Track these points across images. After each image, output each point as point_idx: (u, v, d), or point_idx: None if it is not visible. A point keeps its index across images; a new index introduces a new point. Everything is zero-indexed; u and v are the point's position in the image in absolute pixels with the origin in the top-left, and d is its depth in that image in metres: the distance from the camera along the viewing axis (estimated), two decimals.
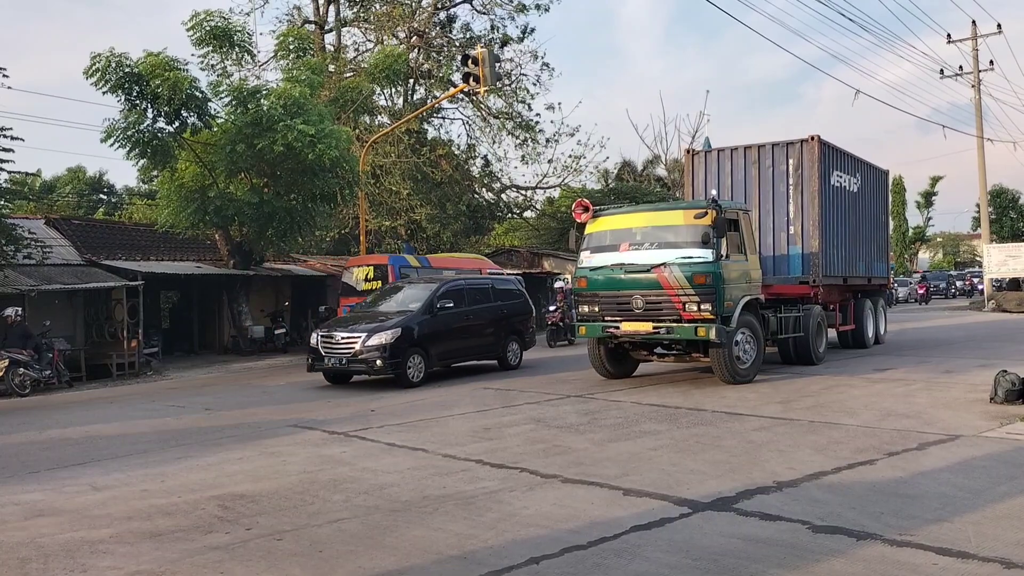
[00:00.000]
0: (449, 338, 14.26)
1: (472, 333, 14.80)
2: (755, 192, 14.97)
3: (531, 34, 33.25)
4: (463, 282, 15.45)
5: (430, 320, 13.88)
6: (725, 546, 4.82)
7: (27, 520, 5.99)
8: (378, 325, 13.47)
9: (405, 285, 15.84)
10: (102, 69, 17.01)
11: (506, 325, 15.55)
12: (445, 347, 14.19)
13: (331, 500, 6.22)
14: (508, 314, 15.67)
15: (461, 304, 14.58)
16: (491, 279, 16.87)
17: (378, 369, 13.13)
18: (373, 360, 13.03)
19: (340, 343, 13.45)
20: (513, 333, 15.73)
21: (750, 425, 8.72)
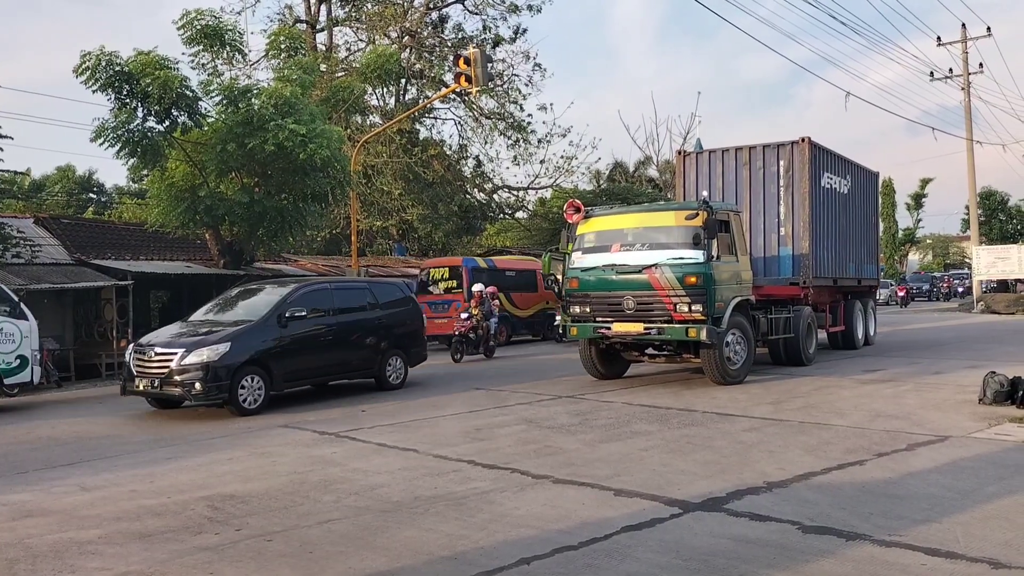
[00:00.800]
0: (303, 354, 11.78)
1: (338, 347, 12.33)
2: (746, 193, 15.01)
3: (523, 35, 33.29)
4: (327, 285, 13.13)
5: (276, 332, 11.41)
6: (715, 546, 4.83)
7: (15, 521, 5.96)
8: (201, 339, 11.02)
9: (253, 289, 13.23)
10: (92, 67, 16.90)
11: (387, 337, 13.08)
12: (297, 365, 11.69)
13: (321, 501, 6.20)
14: (389, 324, 13.24)
15: (323, 312, 12.20)
16: (369, 282, 14.54)
17: (197, 394, 10.60)
18: (191, 383, 10.51)
19: (154, 360, 10.94)
20: (396, 347, 13.28)
21: (740, 426, 8.74)
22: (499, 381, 13.81)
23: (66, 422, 11.13)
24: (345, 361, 12.55)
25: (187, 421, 10.70)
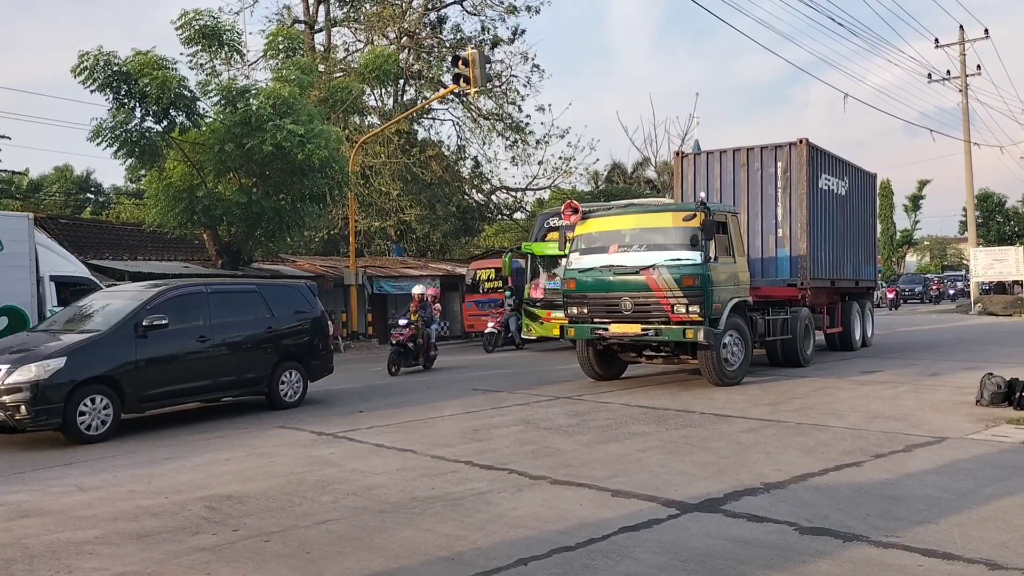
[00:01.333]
0: (167, 369, 10.11)
1: (214, 361, 10.60)
2: (744, 195, 15.03)
3: (522, 36, 33.30)
4: (202, 289, 11.03)
5: (131, 344, 9.68)
6: (713, 547, 4.83)
7: (12, 521, 5.95)
8: (30, 353, 9.24)
9: (121, 291, 11.31)
10: (90, 67, 16.92)
11: (279, 349, 11.34)
12: (159, 382, 9.98)
13: (319, 501, 6.20)
14: (284, 334, 11.45)
15: (193, 320, 10.50)
16: (259, 286, 12.13)
17: (23, 419, 8.78)
18: (15, 405, 8.73)
19: None
20: (291, 359, 11.51)
21: (738, 427, 8.75)
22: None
23: None
24: (224, 377, 10.74)
25: (184, 422, 10.68)
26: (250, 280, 12.73)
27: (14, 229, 12.52)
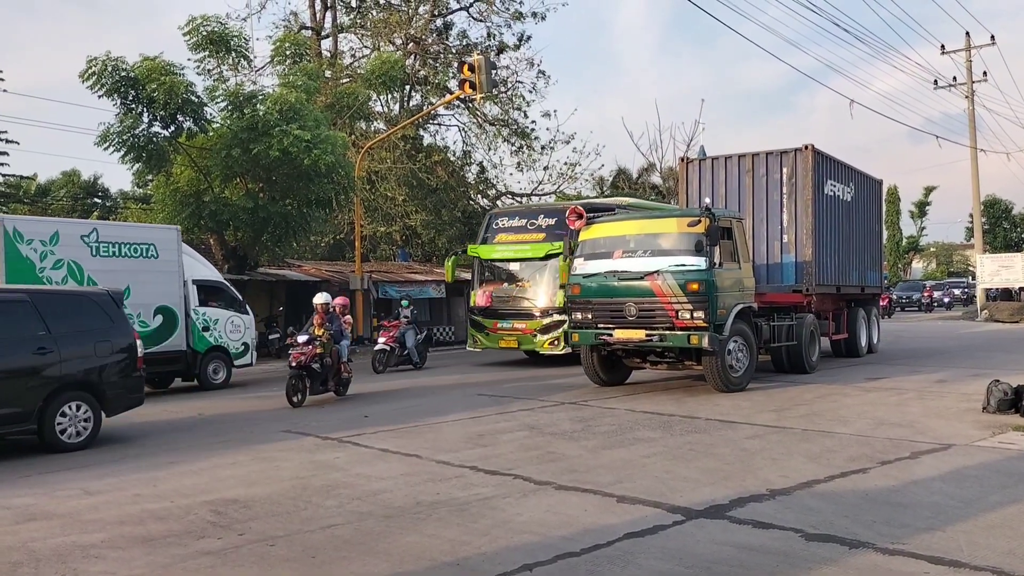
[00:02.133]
0: None
1: None
2: (749, 200, 15.02)
3: (527, 42, 33.19)
4: None
5: None
6: (718, 554, 4.83)
7: (18, 524, 5.97)
8: None
9: None
10: (98, 72, 17.02)
11: (58, 375, 8.99)
12: None
13: (324, 506, 6.21)
14: (66, 356, 9.06)
15: None
16: (27, 292, 9.51)
17: None
18: None
19: None
20: (76, 388, 9.18)
21: (744, 433, 8.74)
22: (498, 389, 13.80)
23: None
24: None
25: (190, 427, 10.71)
26: (17, 287, 10.09)
27: (166, 240, 14.54)
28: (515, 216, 18.10)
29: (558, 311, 16.14)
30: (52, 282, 12.72)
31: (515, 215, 18.17)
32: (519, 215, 18.07)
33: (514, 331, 17.04)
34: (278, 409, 11.88)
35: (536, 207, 18.96)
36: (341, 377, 12.90)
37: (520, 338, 16.99)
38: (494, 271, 18.08)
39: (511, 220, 17.95)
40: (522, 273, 17.43)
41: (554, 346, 16.58)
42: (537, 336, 16.72)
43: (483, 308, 17.68)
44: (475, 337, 17.99)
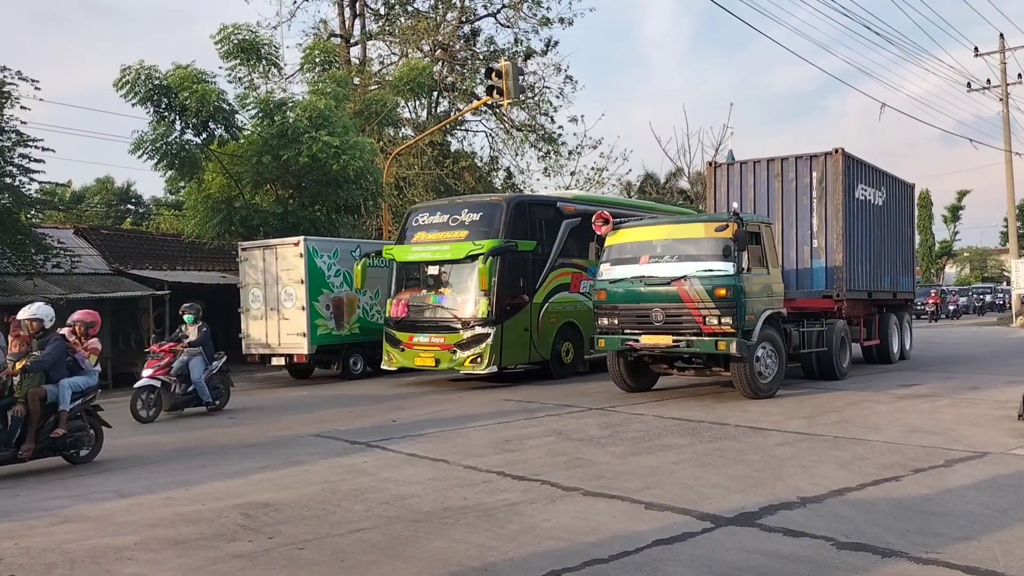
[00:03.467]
0: None
1: None
2: (778, 205, 14.89)
3: (555, 47, 33.16)
4: None
5: None
6: (748, 562, 4.79)
7: (53, 526, 6.07)
8: None
9: None
10: (132, 81, 17.29)
11: None
12: None
13: (353, 510, 6.25)
14: None
15: None
16: None
17: None
18: None
19: None
20: None
21: (773, 440, 8.66)
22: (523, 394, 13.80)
23: (103, 429, 11.29)
24: None
25: (222, 429, 10.83)
26: None
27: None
28: (436, 211, 15.65)
29: (482, 322, 14.19)
30: (335, 288, 16.86)
31: (437, 210, 15.73)
32: (441, 210, 15.64)
33: (431, 346, 14.61)
34: (309, 413, 11.98)
35: (461, 200, 16.16)
36: (56, 437, 8.38)
37: (438, 355, 14.57)
38: (411, 276, 15.49)
39: (432, 216, 15.55)
40: (441, 278, 15.02)
41: (476, 364, 14.16)
42: (456, 353, 14.31)
43: (398, 320, 15.17)
44: (390, 354, 15.33)
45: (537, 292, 15.15)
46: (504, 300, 14.34)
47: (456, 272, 14.71)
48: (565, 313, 15.71)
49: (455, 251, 14.51)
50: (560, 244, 15.71)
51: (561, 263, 15.72)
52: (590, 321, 15.18)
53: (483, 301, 14.17)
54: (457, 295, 14.64)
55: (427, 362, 14.74)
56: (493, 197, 16.13)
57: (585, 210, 15.92)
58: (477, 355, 14.13)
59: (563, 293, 15.75)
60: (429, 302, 14.98)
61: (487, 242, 14.21)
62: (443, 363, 14.57)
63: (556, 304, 15.54)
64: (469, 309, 14.38)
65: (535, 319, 15.04)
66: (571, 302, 15.87)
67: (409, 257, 15.30)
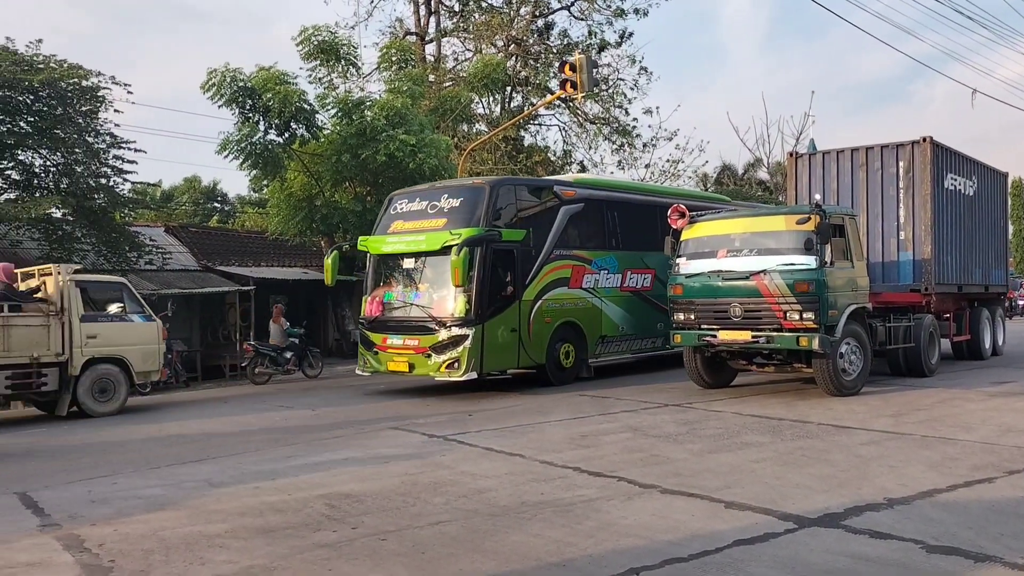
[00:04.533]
0: None
1: None
2: (862, 196, 14.47)
3: (629, 38, 32.80)
4: None
5: None
6: (833, 564, 4.69)
7: (150, 513, 6.35)
8: None
9: None
10: (218, 84, 17.85)
11: None
12: None
13: (432, 502, 6.35)
14: None
15: None
16: None
17: None
18: None
19: None
20: None
21: (858, 439, 8.43)
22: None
23: (194, 420, 11.79)
24: None
25: (305, 422, 11.14)
26: None
27: None
28: (416, 197, 14.09)
29: (459, 322, 12.65)
30: None
31: (416, 196, 14.12)
32: (420, 196, 14.02)
33: (405, 349, 13.14)
34: (387, 406, 12.22)
35: (441, 185, 14.44)
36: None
37: (412, 359, 13.04)
38: (386, 270, 14.11)
39: (411, 203, 14.02)
40: (417, 272, 13.56)
41: (452, 370, 12.61)
42: (431, 357, 12.79)
43: (372, 319, 13.83)
44: (364, 357, 13.92)
45: (528, 288, 13.52)
46: (486, 297, 12.80)
47: (432, 265, 13.18)
48: (563, 312, 14.14)
49: (430, 242, 13.01)
50: (557, 233, 14.14)
51: (559, 255, 14.12)
52: (594, 321, 14.68)
53: (461, 298, 12.67)
54: (434, 292, 13.19)
55: (400, 367, 13.24)
56: (475, 180, 14.38)
57: (588, 195, 15.10)
58: (453, 359, 12.60)
59: (561, 289, 14.13)
60: (404, 300, 13.56)
61: (464, 231, 12.62)
62: (417, 368, 13.03)
63: (552, 301, 13.93)
64: (446, 307, 12.90)
65: (525, 318, 13.41)
66: (571, 299, 14.34)
67: (384, 249, 13.87)
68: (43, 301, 12.27)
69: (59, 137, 17.25)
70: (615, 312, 15.19)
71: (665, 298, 14.86)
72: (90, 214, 17.63)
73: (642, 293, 15.84)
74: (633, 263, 15.67)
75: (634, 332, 15.53)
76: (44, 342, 12.01)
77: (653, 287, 15.85)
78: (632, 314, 15.50)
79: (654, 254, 15.49)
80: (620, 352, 15.48)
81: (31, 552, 5.41)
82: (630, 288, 15.58)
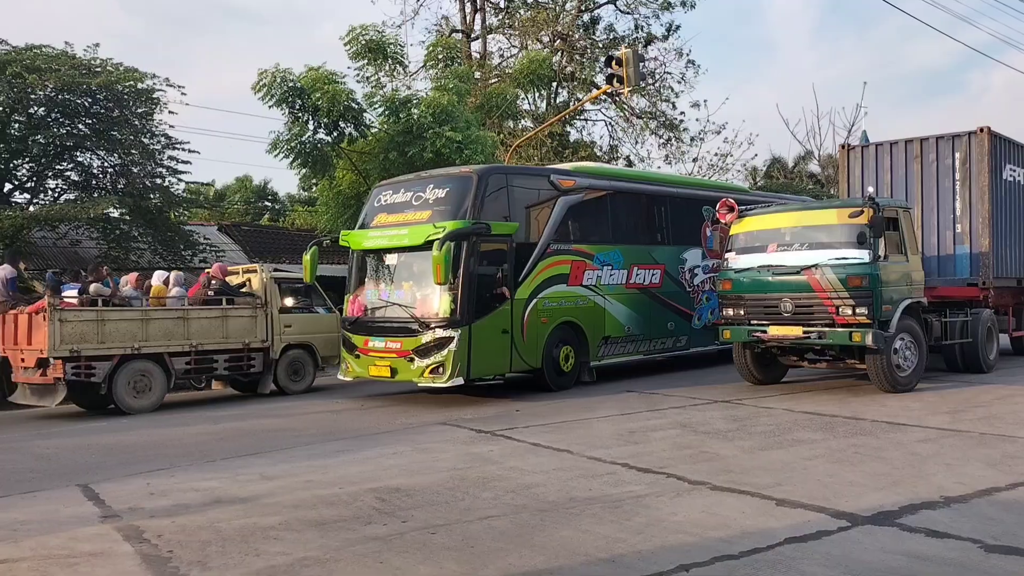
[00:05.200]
0: None
1: None
2: (917, 188, 14.14)
3: (676, 31, 32.48)
4: None
5: None
6: (888, 563, 4.61)
7: (206, 506, 6.50)
8: None
9: None
10: (268, 84, 18.15)
11: None
12: None
13: (481, 497, 6.39)
14: None
15: None
16: None
17: None
18: None
19: None
20: None
21: (914, 436, 8.26)
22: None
23: (247, 414, 12.02)
24: None
25: (355, 416, 11.29)
26: None
27: None
28: (401, 188, 13.01)
29: (444, 323, 11.61)
30: None
31: (401, 187, 13.06)
32: (406, 187, 12.94)
33: (387, 353, 12.11)
34: (436, 401, 12.32)
35: (428, 175, 13.26)
36: None
37: (394, 363, 12.01)
38: (368, 267, 13.12)
39: (395, 194, 12.97)
40: (400, 269, 12.56)
41: (436, 375, 11.59)
42: (414, 361, 11.74)
43: (354, 320, 12.86)
44: (346, 361, 12.94)
45: (521, 285, 12.37)
46: (473, 295, 11.69)
47: (416, 262, 12.19)
48: (561, 311, 12.99)
49: (414, 235, 11.92)
50: (555, 226, 13.01)
51: (556, 250, 12.97)
52: (596, 321, 13.60)
53: (446, 297, 11.62)
54: (417, 290, 12.16)
55: (382, 372, 12.21)
56: (463, 169, 13.14)
57: (589, 185, 13.89)
58: (437, 364, 11.53)
59: (559, 287, 12.95)
60: (387, 299, 12.54)
61: (449, 223, 11.55)
62: (400, 373, 12.01)
63: (549, 300, 12.77)
64: (430, 307, 11.88)
65: (518, 319, 12.26)
66: (570, 297, 13.16)
67: (366, 244, 12.89)
68: (251, 295, 14.14)
69: (116, 139, 17.72)
70: (620, 311, 14.07)
71: (676, 296, 15.03)
72: (146, 213, 18.07)
73: (650, 290, 14.76)
74: (640, 258, 14.64)
75: (641, 332, 14.46)
76: (252, 330, 13.84)
77: (663, 284, 14.97)
78: (639, 313, 14.41)
79: (664, 248, 15.17)
80: (627, 354, 14.36)
81: (93, 542, 5.58)
82: (637, 285, 14.47)
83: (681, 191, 16.21)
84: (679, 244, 15.55)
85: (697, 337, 15.61)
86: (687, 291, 15.53)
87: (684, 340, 15.43)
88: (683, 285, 15.46)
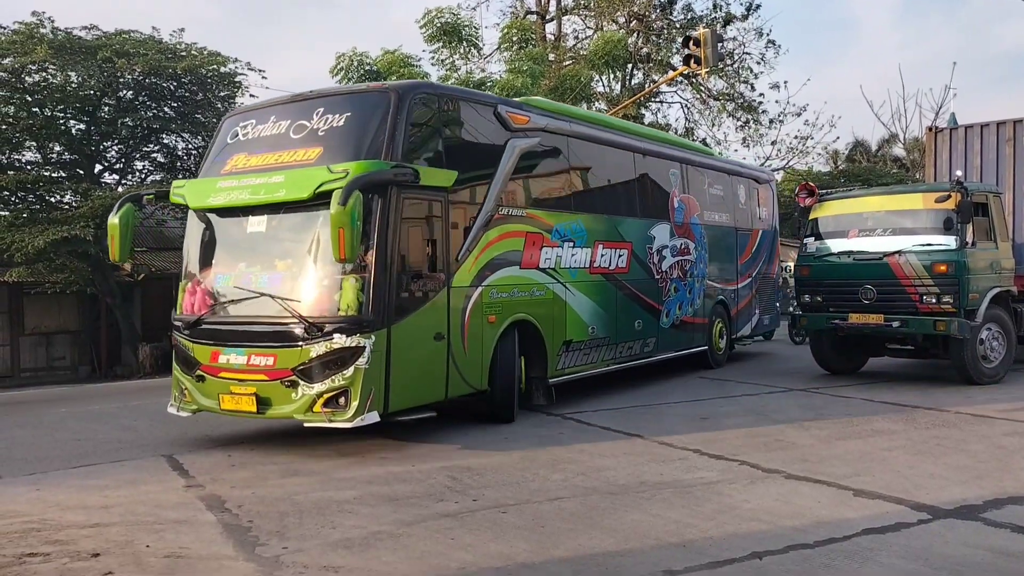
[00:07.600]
0: None
1: None
2: (1008, 173, 13.52)
3: (756, 11, 31.58)
4: None
5: None
6: (970, 557, 4.47)
7: (284, 478, 6.71)
8: None
9: None
10: (345, 68, 18.47)
11: None
12: None
13: (550, 479, 6.43)
14: None
15: None
16: None
17: None
18: None
19: None
20: None
21: (1000, 429, 7.96)
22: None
23: None
24: None
25: None
26: None
27: None
28: (270, 116, 8.42)
29: (347, 325, 7.25)
30: None
31: (269, 115, 8.45)
32: (276, 114, 8.38)
33: (251, 373, 7.56)
34: None
35: (314, 93, 8.36)
36: None
37: (263, 389, 7.50)
38: (215, 236, 8.37)
39: (260, 125, 8.41)
40: (271, 239, 7.96)
41: (337, 409, 7.28)
42: (298, 386, 7.36)
43: (192, 322, 8.11)
44: (181, 384, 8.25)
45: (462, 267, 8.33)
46: (392, 279, 7.44)
47: (299, 227, 7.77)
48: (513, 305, 9.01)
49: (295, 184, 7.48)
50: (504, 180, 8.97)
51: (506, 215, 8.98)
52: (556, 319, 9.73)
53: (350, 283, 7.32)
54: (299, 272, 7.69)
55: (243, 405, 7.63)
56: (371, 85, 9.77)
57: (548, 126, 9.78)
58: (338, 391, 7.26)
59: (510, 270, 8.99)
60: (249, 287, 7.83)
61: (353, 164, 7.24)
62: (274, 404, 7.51)
63: (498, 289, 8.80)
64: (324, 300, 7.46)
65: (457, 317, 8.24)
66: (524, 286, 9.23)
67: (213, 200, 8.08)
68: None
69: (200, 121, 18.26)
70: (583, 305, 10.20)
71: (643, 285, 11.47)
72: None
73: (616, 277, 10.88)
74: (607, 233, 10.73)
75: (607, 335, 10.68)
76: None
77: (630, 268, 11.14)
78: (604, 309, 10.60)
79: (631, 221, 11.31)
80: (589, 364, 10.49)
81: (178, 511, 5.82)
82: (601, 269, 10.59)
83: (650, 147, 12.12)
84: (647, 216, 11.69)
85: (665, 339, 12.04)
86: (655, 278, 11.74)
87: (651, 343, 11.73)
88: (651, 271, 11.64)
